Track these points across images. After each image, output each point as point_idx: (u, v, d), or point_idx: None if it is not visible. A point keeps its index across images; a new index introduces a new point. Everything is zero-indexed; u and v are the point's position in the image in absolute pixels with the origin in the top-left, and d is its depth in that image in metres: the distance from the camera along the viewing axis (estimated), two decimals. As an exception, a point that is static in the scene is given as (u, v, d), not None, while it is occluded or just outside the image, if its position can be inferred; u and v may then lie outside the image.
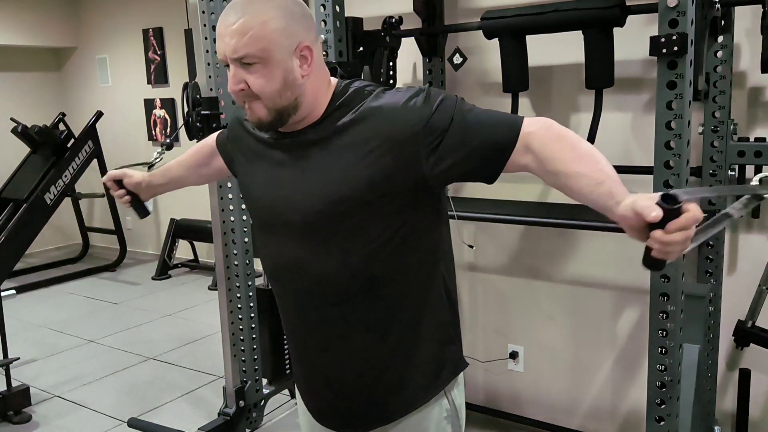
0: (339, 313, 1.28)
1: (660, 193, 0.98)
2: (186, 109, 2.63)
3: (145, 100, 6.09)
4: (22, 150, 5.61)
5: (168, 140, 1.68)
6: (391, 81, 2.60)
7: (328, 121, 1.22)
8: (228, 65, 1.17)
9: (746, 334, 2.23)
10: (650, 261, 1.01)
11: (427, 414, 1.33)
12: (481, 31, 2.32)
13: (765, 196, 1.09)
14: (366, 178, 1.17)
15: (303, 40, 1.17)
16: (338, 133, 1.20)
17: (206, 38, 2.56)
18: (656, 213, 0.96)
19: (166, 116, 5.98)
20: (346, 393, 1.34)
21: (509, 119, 1.18)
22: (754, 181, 1.11)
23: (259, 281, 2.96)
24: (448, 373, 1.35)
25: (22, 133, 5.35)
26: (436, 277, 1.31)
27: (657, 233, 0.97)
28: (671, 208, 0.96)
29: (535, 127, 1.15)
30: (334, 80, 1.26)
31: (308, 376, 1.40)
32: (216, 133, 1.59)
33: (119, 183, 1.61)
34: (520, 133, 1.14)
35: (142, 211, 1.67)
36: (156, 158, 1.93)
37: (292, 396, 3.18)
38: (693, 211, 0.97)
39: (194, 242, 5.80)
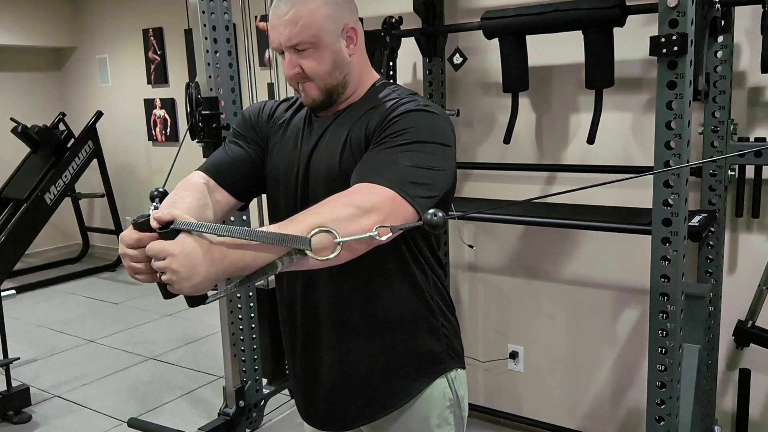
0: (336, 298, 1.32)
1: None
2: (189, 110, 2.63)
3: (145, 100, 6.09)
4: (22, 150, 5.61)
5: (159, 190, 1.36)
6: (391, 81, 2.60)
7: (355, 109, 1.30)
8: (282, 52, 1.26)
9: (746, 334, 2.23)
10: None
11: (429, 402, 1.35)
12: (481, 31, 2.32)
13: (308, 253, 0.95)
14: (340, 166, 1.25)
15: (348, 22, 1.27)
16: (352, 122, 1.28)
17: (206, 38, 2.55)
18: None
19: (166, 116, 5.98)
20: (342, 384, 1.36)
21: (382, 178, 1.10)
22: (312, 232, 0.95)
23: (260, 281, 2.96)
24: (440, 365, 1.37)
25: (22, 133, 5.35)
26: (422, 267, 1.33)
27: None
28: (158, 230, 0.95)
29: (353, 188, 1.10)
30: (376, 74, 1.37)
31: (305, 371, 1.41)
32: (194, 175, 1.38)
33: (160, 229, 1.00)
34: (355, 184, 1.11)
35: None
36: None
37: (292, 396, 3.18)
38: (155, 242, 0.95)
39: (194, 242, 5.79)
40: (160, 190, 1.28)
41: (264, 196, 1.45)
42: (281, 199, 1.37)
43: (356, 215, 1.01)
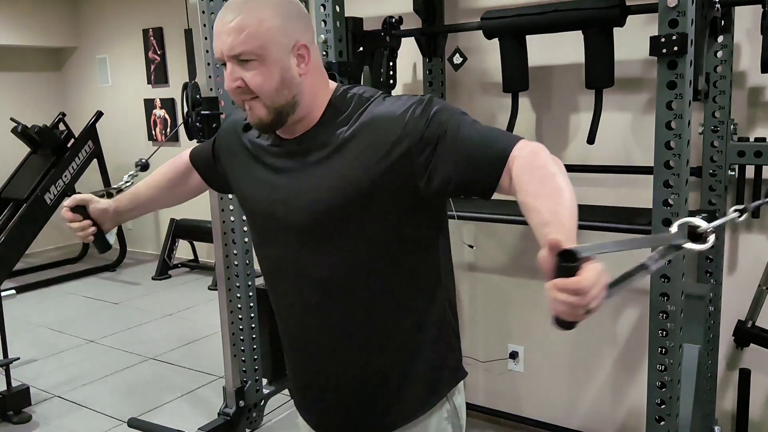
0: (339, 319, 1.27)
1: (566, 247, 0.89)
2: (186, 109, 2.63)
3: (145, 100, 6.10)
4: (22, 150, 5.61)
5: (143, 160, 1.54)
6: (391, 81, 2.60)
7: (326, 126, 1.21)
8: (225, 63, 1.17)
9: (746, 334, 2.23)
10: (554, 317, 0.93)
11: (427, 417, 1.33)
12: (481, 31, 2.32)
13: (684, 246, 0.99)
14: (364, 184, 1.17)
15: (300, 39, 1.17)
16: (337, 140, 1.19)
17: (206, 38, 2.56)
18: (546, 262, 0.90)
19: (166, 116, 5.98)
20: (344, 402, 1.34)
21: (504, 139, 1.15)
22: (673, 228, 1.01)
23: (259, 281, 2.96)
24: (447, 382, 1.35)
25: (22, 133, 5.35)
26: (436, 285, 1.30)
27: (547, 287, 0.89)
28: (562, 265, 0.88)
29: (523, 152, 1.12)
30: (333, 84, 1.26)
31: (306, 386, 1.40)
32: (189, 151, 1.55)
33: (82, 210, 1.43)
34: (510, 155, 1.12)
35: (104, 245, 1.49)
36: (126, 181, 1.76)
37: (292, 396, 3.18)
38: (586, 275, 0.88)
39: (194, 242, 5.80)
40: (144, 160, 1.42)
41: None
42: (264, 227, 1.31)
43: (559, 167, 1.10)
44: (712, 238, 1.00)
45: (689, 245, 0.97)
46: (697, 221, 1.01)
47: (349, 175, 1.17)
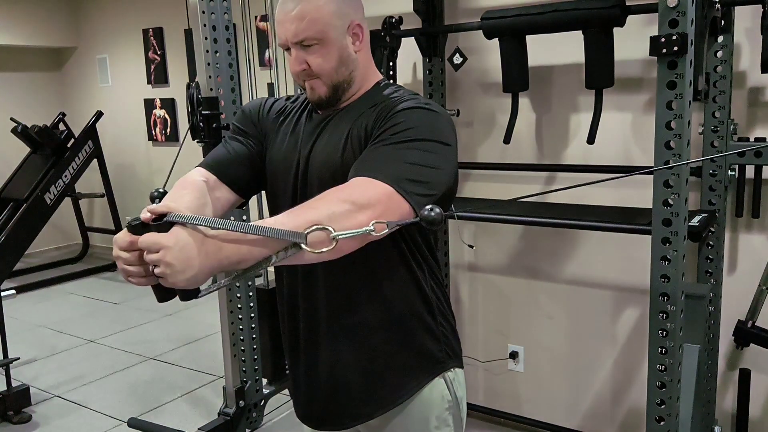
0: (339, 288, 1.32)
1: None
2: (190, 109, 2.62)
3: (145, 100, 6.09)
4: (22, 150, 5.61)
5: (159, 190, 1.40)
6: (391, 81, 2.60)
7: (357, 105, 1.31)
8: (288, 49, 1.28)
9: (746, 334, 2.23)
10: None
11: (428, 404, 1.35)
12: (481, 31, 2.32)
13: (304, 247, 0.95)
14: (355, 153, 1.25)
15: (354, 19, 1.29)
16: (356, 116, 1.29)
17: (206, 38, 2.55)
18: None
19: (166, 116, 5.98)
20: (341, 381, 1.36)
21: (391, 178, 1.10)
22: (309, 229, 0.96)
23: (259, 281, 2.96)
24: (441, 356, 1.37)
25: (22, 133, 5.35)
26: (420, 265, 1.34)
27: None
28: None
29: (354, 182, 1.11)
30: (379, 75, 1.38)
31: (304, 369, 1.41)
32: (195, 170, 1.38)
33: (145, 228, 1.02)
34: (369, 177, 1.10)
35: (169, 292, 1.02)
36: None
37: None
38: (144, 239, 0.95)
39: (194, 242, 5.79)
40: (160, 190, 1.34)
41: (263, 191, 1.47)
42: (281, 192, 1.37)
43: (352, 211, 1.02)
44: (332, 245, 0.96)
45: (308, 249, 0.94)
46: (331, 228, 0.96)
47: (341, 152, 1.27)
